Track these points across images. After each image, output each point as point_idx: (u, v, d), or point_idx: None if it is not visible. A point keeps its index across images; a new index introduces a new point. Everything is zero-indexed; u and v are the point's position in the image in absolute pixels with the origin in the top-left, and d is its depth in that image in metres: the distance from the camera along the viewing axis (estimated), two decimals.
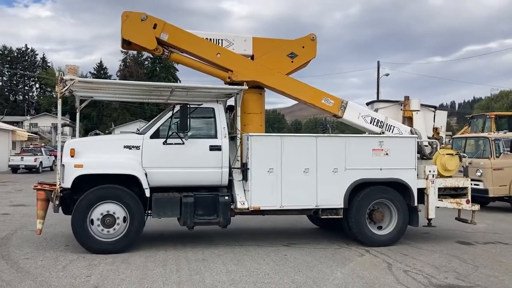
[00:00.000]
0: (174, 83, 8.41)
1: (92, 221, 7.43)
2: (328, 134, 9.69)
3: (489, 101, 76.47)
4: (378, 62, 42.15)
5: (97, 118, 75.76)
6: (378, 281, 6.19)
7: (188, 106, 7.84)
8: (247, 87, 8.33)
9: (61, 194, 7.60)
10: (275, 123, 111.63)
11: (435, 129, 9.72)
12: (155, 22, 8.43)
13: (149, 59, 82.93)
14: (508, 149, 13.43)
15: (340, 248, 8.25)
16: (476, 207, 9.07)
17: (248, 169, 7.95)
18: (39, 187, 7.77)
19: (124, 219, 7.55)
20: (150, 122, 8.84)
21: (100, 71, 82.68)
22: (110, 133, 71.46)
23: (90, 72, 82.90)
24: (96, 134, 12.56)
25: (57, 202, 7.50)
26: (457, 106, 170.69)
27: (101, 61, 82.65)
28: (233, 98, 8.64)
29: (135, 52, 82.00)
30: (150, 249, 7.83)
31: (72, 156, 7.58)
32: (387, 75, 42.20)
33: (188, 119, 7.73)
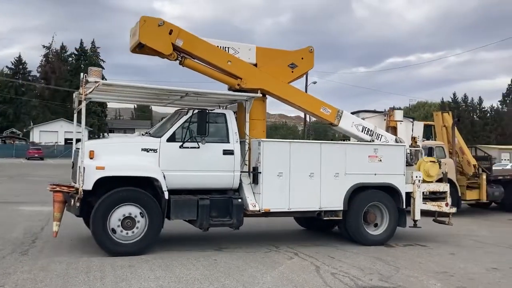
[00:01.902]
0: (187, 88, 8.65)
1: (112, 223, 7.43)
2: (330, 141, 10.66)
3: (407, 111, 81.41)
4: None
5: (14, 116, 71.01)
6: (307, 284, 6.29)
7: (208, 111, 8.12)
8: (260, 95, 8.86)
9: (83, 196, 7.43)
10: None
11: (413, 138, 10.58)
12: (171, 28, 8.54)
13: (73, 55, 78.96)
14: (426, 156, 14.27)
15: (270, 251, 8.31)
16: (454, 209, 9.90)
17: (260, 172, 8.32)
18: (57, 188, 7.65)
19: (143, 222, 7.60)
20: (159, 124, 9.13)
21: (19, 66, 77.47)
22: (28, 132, 67.67)
23: (7, 67, 77.55)
24: (104, 136, 11.93)
25: (78, 204, 7.38)
26: None
27: (20, 56, 76.98)
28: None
29: (58, 47, 78.11)
30: (72, 255, 7.40)
31: (91, 158, 7.51)
32: (314, 83, 43.60)
33: (207, 124, 7.99)
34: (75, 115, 9.34)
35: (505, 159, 41.94)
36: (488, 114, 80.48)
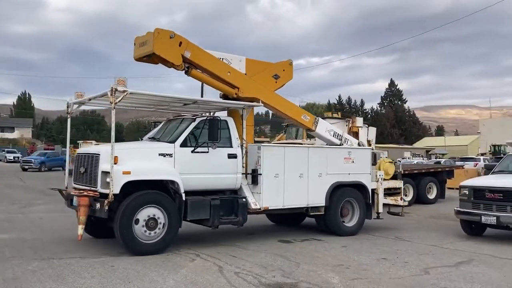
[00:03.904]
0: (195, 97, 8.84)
1: (137, 224, 7.78)
2: (316, 146, 11.60)
3: None
4: None
5: None
6: (211, 285, 6.18)
7: (219, 118, 8.91)
8: (261, 104, 9.79)
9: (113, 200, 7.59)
10: (94, 124, 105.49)
11: (368, 141, 11.98)
12: (180, 40, 8.96)
13: None
14: None
15: (170, 254, 8.02)
16: (406, 202, 11.68)
17: (260, 174, 9.11)
18: (85, 193, 7.82)
19: (164, 222, 8.03)
20: (161, 130, 9.64)
21: None
22: None
23: None
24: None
25: (106, 208, 7.53)
26: (270, 115, 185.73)
27: None
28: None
29: None
30: None
31: (115, 163, 7.70)
32: None
33: (219, 130, 8.63)
34: (69, 120, 9.71)
35: (407, 157, 46.86)
36: (369, 116, 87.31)
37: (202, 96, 42.70)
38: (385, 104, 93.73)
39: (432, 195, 18.38)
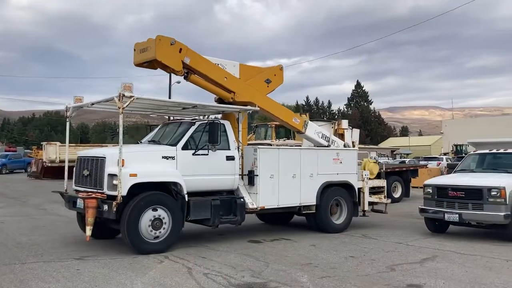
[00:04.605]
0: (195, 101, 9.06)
1: (143, 224, 8.04)
2: (307, 147, 11.64)
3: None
4: None
5: None
6: (180, 287, 6.12)
7: (219, 122, 9.25)
8: (258, 108, 10.21)
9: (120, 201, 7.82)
10: (58, 125, 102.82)
11: (353, 143, 12.46)
12: (180, 47, 9.28)
13: None
14: None
15: (138, 256, 7.89)
16: (389, 200, 12.21)
17: (257, 175, 9.48)
18: (93, 195, 7.97)
19: (168, 222, 8.30)
20: (158, 133, 9.91)
21: None
22: None
23: None
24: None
25: (115, 209, 7.76)
26: None
27: None
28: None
29: None
30: None
31: (122, 166, 7.89)
32: (178, 82, 43.09)
33: (219, 133, 8.99)
34: (68, 124, 10.06)
35: (373, 157, 47.51)
36: (336, 116, 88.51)
37: (169, 97, 42.46)
38: (352, 105, 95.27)
39: (397, 194, 18.76)
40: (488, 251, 8.72)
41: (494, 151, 11.31)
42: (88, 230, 7.87)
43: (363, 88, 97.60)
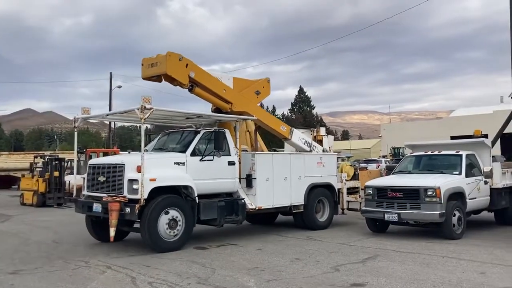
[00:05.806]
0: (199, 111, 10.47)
1: (161, 224, 8.76)
2: (296, 153, 12.50)
3: None
4: (111, 73, 41.53)
5: None
6: None
7: (224, 131, 10.22)
8: (256, 117, 11.26)
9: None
10: None
11: (329, 148, 13.52)
12: (187, 62, 10.18)
13: None
14: None
15: (79, 267, 7.60)
16: (363, 199, 12.31)
17: (255, 178, 10.45)
18: (117, 199, 8.50)
19: (182, 222, 9.07)
20: (167, 142, 10.62)
21: None
22: None
23: None
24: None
25: (137, 211, 8.38)
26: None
27: None
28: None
29: None
30: None
31: (138, 172, 8.61)
32: (119, 87, 42.02)
33: (225, 141, 10.08)
34: (75, 134, 11.18)
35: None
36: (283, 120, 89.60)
37: (110, 101, 41.19)
38: (295, 110, 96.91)
39: None
40: (425, 248, 9.13)
41: (429, 153, 11.89)
42: (112, 231, 8.31)
43: (306, 94, 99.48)
